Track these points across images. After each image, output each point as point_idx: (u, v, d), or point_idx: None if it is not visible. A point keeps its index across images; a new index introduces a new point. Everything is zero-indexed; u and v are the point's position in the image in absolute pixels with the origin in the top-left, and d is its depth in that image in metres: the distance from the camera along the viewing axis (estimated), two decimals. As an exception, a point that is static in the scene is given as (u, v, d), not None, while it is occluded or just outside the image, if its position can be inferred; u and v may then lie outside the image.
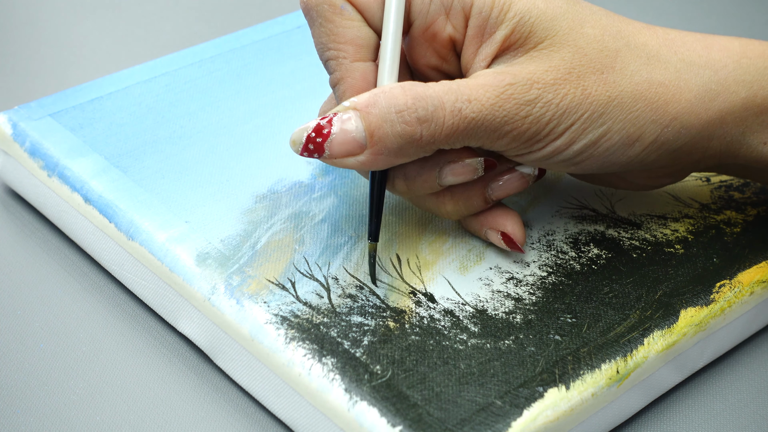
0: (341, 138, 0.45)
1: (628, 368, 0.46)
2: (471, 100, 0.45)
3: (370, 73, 0.47)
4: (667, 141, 0.46)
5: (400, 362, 0.45)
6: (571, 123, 0.45)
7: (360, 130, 0.45)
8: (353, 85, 0.47)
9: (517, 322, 0.47)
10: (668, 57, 0.47)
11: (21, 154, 0.54)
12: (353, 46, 0.47)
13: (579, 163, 0.47)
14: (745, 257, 0.51)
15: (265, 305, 0.46)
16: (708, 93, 0.47)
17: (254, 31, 0.62)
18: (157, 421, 0.46)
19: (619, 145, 0.46)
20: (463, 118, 0.45)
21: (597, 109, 0.45)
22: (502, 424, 0.43)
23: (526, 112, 0.45)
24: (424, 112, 0.45)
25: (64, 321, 0.50)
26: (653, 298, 0.48)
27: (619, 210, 0.53)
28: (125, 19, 0.71)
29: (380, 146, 0.45)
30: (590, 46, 0.46)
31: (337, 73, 0.47)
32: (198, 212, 0.51)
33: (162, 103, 0.57)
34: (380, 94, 0.45)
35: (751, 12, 0.76)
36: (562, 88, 0.45)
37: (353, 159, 0.45)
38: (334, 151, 0.45)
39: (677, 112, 0.46)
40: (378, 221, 0.48)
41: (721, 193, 0.54)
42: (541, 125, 0.45)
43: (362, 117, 0.45)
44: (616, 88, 0.46)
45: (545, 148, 0.46)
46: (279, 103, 0.57)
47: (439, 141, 0.45)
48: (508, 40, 0.46)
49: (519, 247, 0.49)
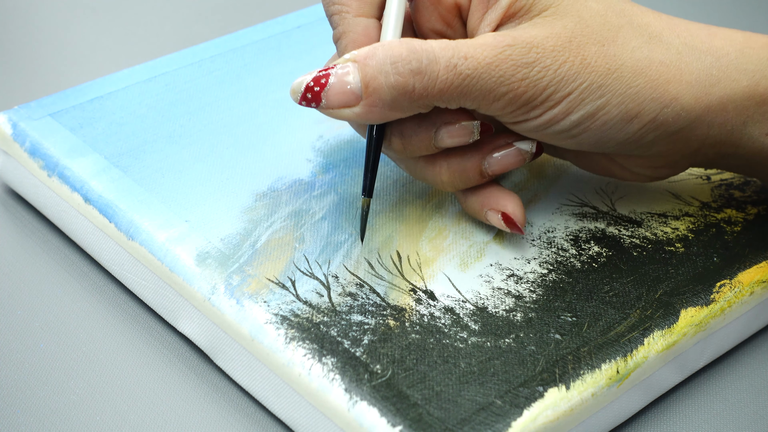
0: (338, 88, 0.45)
1: (628, 368, 0.46)
2: (467, 57, 0.45)
3: (372, 29, 0.47)
4: (666, 122, 0.46)
5: (401, 361, 0.45)
6: (569, 91, 0.46)
7: (357, 81, 0.45)
8: (355, 39, 0.47)
9: (518, 320, 0.47)
10: (670, 39, 0.47)
11: (21, 154, 0.54)
12: (357, 2, 0.47)
13: (575, 136, 0.47)
14: (745, 257, 0.50)
15: (265, 305, 0.46)
16: (709, 78, 0.47)
17: (254, 31, 0.62)
18: (157, 421, 0.46)
19: (617, 120, 0.46)
20: (458, 74, 0.45)
21: (596, 80, 0.46)
22: (502, 424, 0.43)
23: (522, 74, 0.45)
24: (417, 64, 0.45)
25: (64, 321, 0.50)
26: (653, 298, 0.48)
27: (620, 208, 0.53)
28: (125, 19, 0.71)
29: (374, 97, 0.45)
30: (593, 18, 0.46)
31: (340, 27, 0.47)
32: (198, 211, 0.51)
33: (162, 103, 0.57)
34: (379, 47, 0.46)
35: (750, 12, 0.76)
36: (561, 55, 0.45)
37: (349, 110, 0.46)
38: (331, 101, 0.46)
39: (678, 93, 0.46)
40: (373, 176, 0.48)
41: (722, 192, 0.54)
42: (537, 90, 0.45)
43: (360, 68, 0.45)
44: (616, 61, 0.46)
45: (542, 115, 0.46)
46: (279, 103, 0.57)
47: (432, 95, 0.45)
48: (513, 7, 0.46)
49: (519, 228, 0.49)
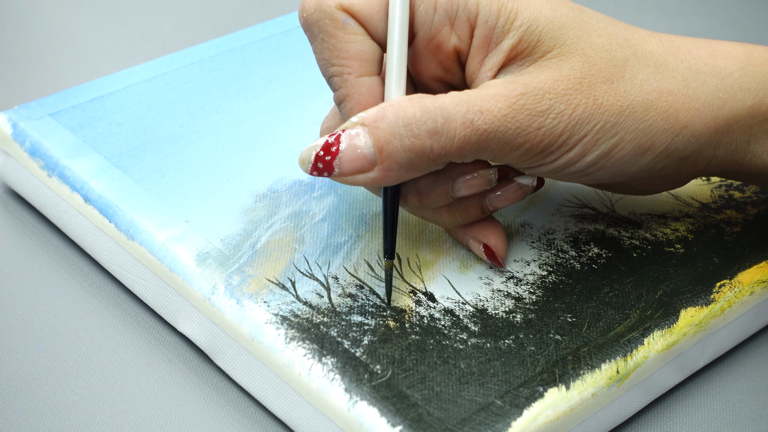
0: (350, 155, 0.44)
1: (628, 368, 0.46)
2: (483, 111, 0.44)
3: (376, 88, 0.46)
4: (677, 149, 0.46)
5: (400, 362, 0.45)
6: (584, 134, 0.45)
7: (369, 145, 0.44)
8: (360, 101, 0.46)
9: (518, 322, 0.47)
10: (675, 66, 0.46)
11: (21, 153, 0.54)
12: (357, 61, 0.45)
13: (590, 174, 0.46)
14: (745, 257, 0.50)
15: (265, 305, 0.46)
16: (716, 101, 0.46)
17: (254, 31, 0.62)
18: (157, 421, 0.46)
19: (631, 155, 0.46)
20: (475, 129, 0.44)
21: (609, 120, 0.45)
22: (502, 424, 0.43)
23: (539, 123, 0.44)
24: (433, 124, 0.44)
25: (64, 321, 0.50)
26: (653, 298, 0.48)
27: (620, 209, 0.53)
28: (125, 19, 0.71)
29: (390, 161, 0.44)
30: (599, 55, 0.45)
31: (343, 90, 0.46)
32: (198, 212, 0.51)
33: (162, 103, 0.57)
34: (388, 107, 0.44)
35: (750, 12, 0.76)
36: (573, 98, 0.44)
37: (363, 176, 0.44)
38: (344, 169, 0.44)
39: (687, 120, 0.46)
40: (393, 238, 0.47)
41: (722, 193, 0.54)
42: (554, 137, 0.45)
43: (370, 132, 0.44)
44: (627, 98, 0.45)
45: (557, 160, 0.45)
46: (279, 103, 0.57)
47: (450, 154, 0.44)
48: (516, 50, 0.45)
49: (500, 262, 0.49)
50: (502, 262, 0.49)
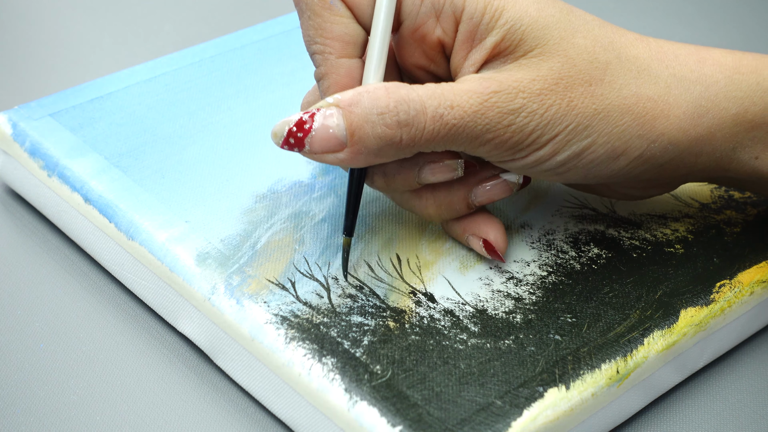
0: (322, 134, 0.45)
1: (628, 368, 0.46)
2: (453, 106, 0.44)
3: (355, 70, 0.47)
4: (653, 156, 0.46)
5: (400, 362, 0.45)
6: (555, 134, 0.45)
7: (341, 128, 0.45)
8: (337, 81, 0.47)
9: (517, 322, 0.47)
10: (659, 71, 0.46)
11: (21, 154, 0.54)
12: (340, 42, 0.46)
13: (562, 174, 0.47)
14: (745, 257, 0.51)
15: (265, 305, 0.46)
16: (698, 109, 0.46)
17: (254, 31, 0.62)
18: (157, 421, 0.46)
19: (604, 158, 0.46)
20: (444, 124, 0.44)
21: (582, 122, 0.45)
22: (502, 424, 0.43)
23: (509, 121, 0.45)
24: (405, 116, 0.44)
25: (64, 321, 0.50)
26: (653, 298, 0.48)
27: (620, 209, 0.53)
28: (125, 19, 0.71)
29: (360, 146, 0.45)
30: (580, 56, 0.45)
31: (322, 68, 0.47)
32: (198, 212, 0.51)
33: (162, 103, 0.57)
34: (364, 93, 0.45)
35: (748, 13, 0.76)
36: (547, 99, 0.45)
37: (332, 155, 0.45)
38: (315, 147, 0.45)
39: (665, 128, 0.46)
40: (354, 216, 0.48)
41: (721, 193, 0.54)
42: (524, 135, 0.45)
43: (344, 115, 0.45)
44: (603, 101, 0.45)
45: (528, 157, 0.46)
46: (279, 103, 0.57)
47: (418, 145, 0.45)
48: (498, 47, 0.45)
49: (500, 256, 0.49)
50: (503, 256, 0.49)
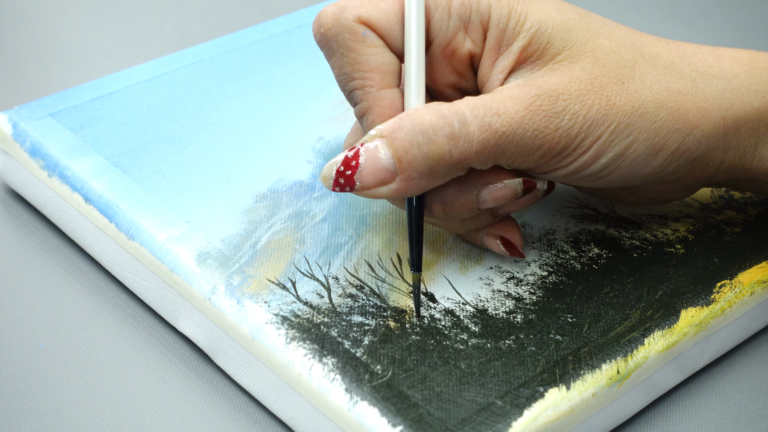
0: (370, 168, 0.44)
1: (628, 368, 0.46)
2: (500, 113, 0.44)
3: (397, 100, 0.46)
4: (688, 150, 0.46)
5: (401, 362, 0.45)
6: (599, 136, 0.45)
7: (388, 156, 0.44)
8: (382, 113, 0.46)
9: (518, 322, 0.47)
10: (683, 67, 0.47)
11: (21, 153, 0.54)
12: (379, 74, 0.45)
13: (603, 177, 0.46)
14: (745, 257, 0.51)
15: (266, 305, 0.46)
16: (724, 102, 0.47)
17: (254, 31, 0.62)
18: (157, 421, 0.46)
19: (644, 156, 0.46)
20: (494, 132, 0.44)
21: (623, 120, 0.45)
22: (503, 424, 0.43)
23: (555, 124, 0.44)
24: (450, 129, 0.44)
25: (64, 321, 0.50)
26: (654, 298, 0.48)
27: (620, 209, 0.53)
28: (125, 19, 0.71)
29: (410, 171, 0.44)
30: (607, 57, 0.45)
31: (365, 102, 0.46)
32: (198, 212, 0.51)
33: (162, 103, 0.57)
34: (405, 117, 0.44)
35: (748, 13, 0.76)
36: (587, 99, 0.45)
37: (386, 188, 0.44)
38: (365, 182, 0.44)
39: (698, 120, 0.46)
40: (419, 250, 0.47)
41: (722, 193, 0.54)
42: (570, 138, 0.45)
43: (389, 143, 0.44)
44: (638, 98, 0.45)
45: (573, 163, 0.45)
46: (279, 103, 0.58)
47: (470, 159, 0.44)
48: (526, 52, 0.45)
49: (520, 252, 0.49)
50: (522, 252, 0.49)
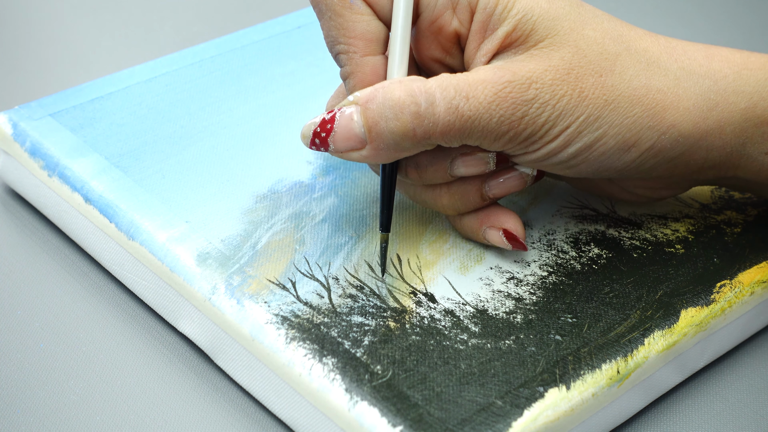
0: (343, 133, 0.46)
1: (628, 368, 0.46)
2: (469, 97, 0.45)
3: (380, 67, 0.47)
4: (664, 149, 0.46)
5: (401, 362, 0.45)
6: (566, 125, 0.45)
7: (360, 125, 0.45)
8: (363, 79, 0.47)
9: (518, 322, 0.47)
10: (668, 64, 0.47)
11: (21, 154, 0.54)
12: (363, 41, 0.47)
13: (574, 167, 0.47)
14: (745, 257, 0.51)
15: (266, 305, 0.46)
16: (706, 102, 0.47)
17: (254, 31, 0.62)
18: (157, 421, 0.46)
19: (615, 150, 0.46)
20: (460, 115, 0.45)
21: (593, 113, 0.45)
22: (503, 424, 0.43)
23: (522, 112, 0.45)
24: (416, 107, 0.45)
25: (64, 321, 0.50)
26: (654, 298, 0.48)
27: (620, 210, 0.53)
28: (125, 19, 0.71)
29: (378, 141, 0.45)
30: (590, 48, 0.46)
31: (348, 67, 0.47)
32: (198, 212, 0.51)
33: (162, 103, 0.57)
34: (379, 89, 0.45)
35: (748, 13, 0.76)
36: (559, 89, 0.45)
37: (357, 153, 0.46)
38: (338, 146, 0.46)
39: (675, 120, 0.46)
40: (389, 212, 0.48)
41: (722, 193, 0.54)
42: (536, 127, 0.45)
43: (362, 112, 0.45)
44: (613, 92, 0.46)
45: (540, 149, 0.46)
46: (279, 103, 0.58)
47: (434, 137, 0.45)
48: (510, 37, 0.46)
49: (522, 243, 0.49)
50: (525, 243, 0.49)
